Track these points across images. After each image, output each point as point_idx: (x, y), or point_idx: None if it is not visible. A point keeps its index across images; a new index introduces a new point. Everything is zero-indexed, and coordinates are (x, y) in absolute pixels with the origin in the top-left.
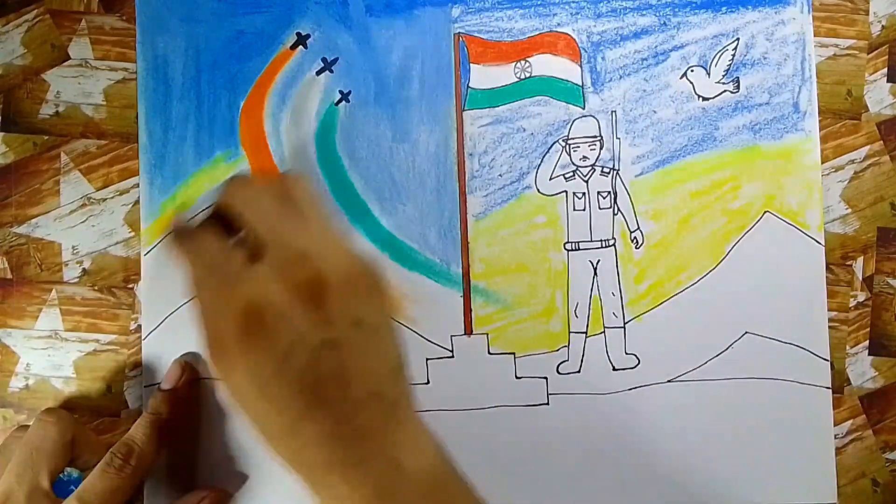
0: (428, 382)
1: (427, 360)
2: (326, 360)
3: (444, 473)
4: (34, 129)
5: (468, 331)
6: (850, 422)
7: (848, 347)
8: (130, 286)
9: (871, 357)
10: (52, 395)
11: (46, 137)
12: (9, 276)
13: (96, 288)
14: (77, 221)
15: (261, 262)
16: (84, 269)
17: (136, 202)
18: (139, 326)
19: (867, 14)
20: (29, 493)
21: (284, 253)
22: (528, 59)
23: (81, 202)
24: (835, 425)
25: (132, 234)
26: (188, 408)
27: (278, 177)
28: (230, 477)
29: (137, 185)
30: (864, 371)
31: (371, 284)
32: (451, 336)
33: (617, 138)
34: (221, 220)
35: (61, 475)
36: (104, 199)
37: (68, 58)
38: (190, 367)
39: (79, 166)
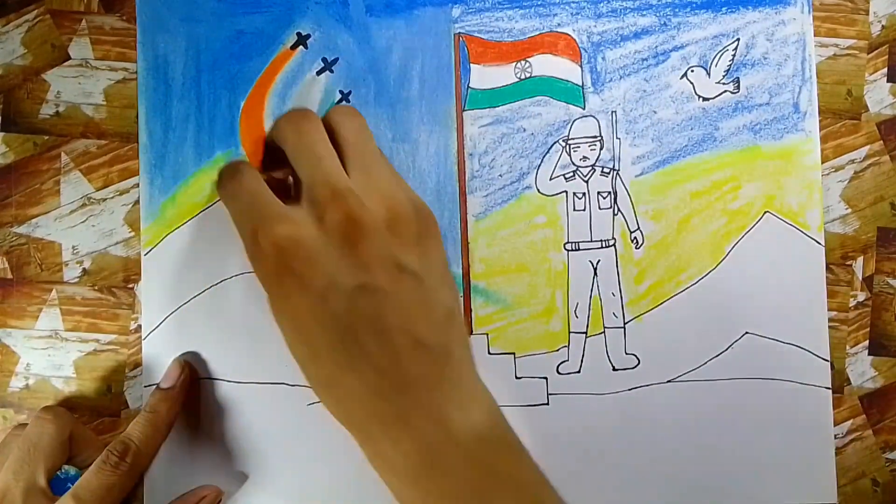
0: None
1: None
2: (363, 306)
3: (497, 435)
4: (34, 129)
5: (468, 331)
6: (850, 422)
7: (848, 347)
8: (130, 286)
9: (871, 357)
10: (53, 395)
11: (46, 137)
12: (9, 276)
13: (96, 288)
14: (77, 221)
15: (299, 200)
16: (84, 269)
17: (137, 202)
18: (139, 326)
19: (867, 14)
20: (25, 490)
21: (321, 191)
22: (528, 59)
23: (81, 202)
24: (835, 425)
25: (132, 234)
26: (190, 406)
27: (331, 111)
28: (231, 476)
29: (138, 185)
30: (864, 371)
31: (420, 231)
32: None
33: (617, 138)
34: (271, 156)
35: (59, 473)
36: (104, 199)
37: (68, 58)
38: (189, 366)
39: (79, 166)
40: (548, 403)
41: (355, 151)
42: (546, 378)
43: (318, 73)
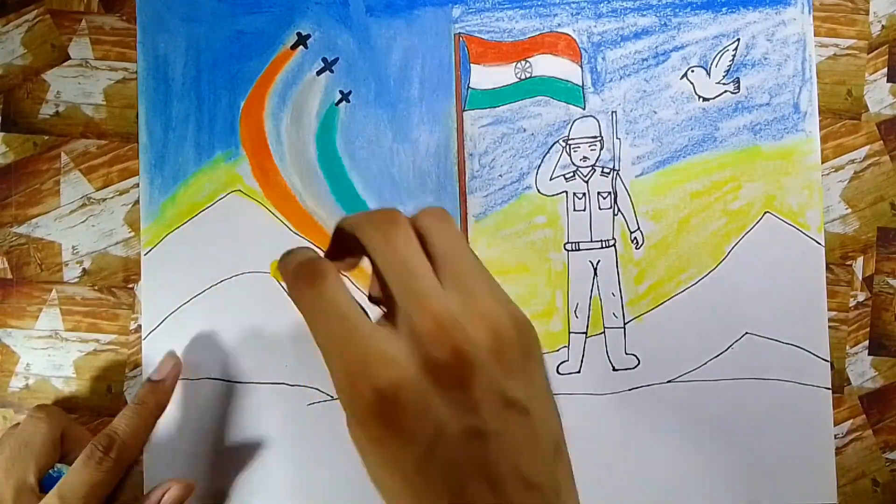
0: None
1: None
2: (471, 453)
3: None
4: (34, 129)
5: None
6: (850, 422)
7: (848, 347)
8: (130, 286)
9: (871, 357)
10: (53, 394)
11: (46, 137)
12: (9, 276)
13: (96, 288)
14: (77, 221)
15: (394, 329)
16: (84, 269)
17: (136, 202)
18: (139, 326)
19: (867, 14)
20: (16, 489)
21: (422, 321)
22: (528, 59)
23: (81, 202)
24: (835, 425)
25: (132, 234)
26: (190, 406)
27: (420, 214)
28: (230, 475)
29: (137, 185)
30: (863, 371)
31: (524, 353)
32: None
33: (617, 139)
34: (343, 251)
35: (51, 471)
36: (104, 199)
37: (68, 58)
38: (180, 361)
39: (79, 166)
40: None
41: (451, 266)
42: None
43: (319, 73)
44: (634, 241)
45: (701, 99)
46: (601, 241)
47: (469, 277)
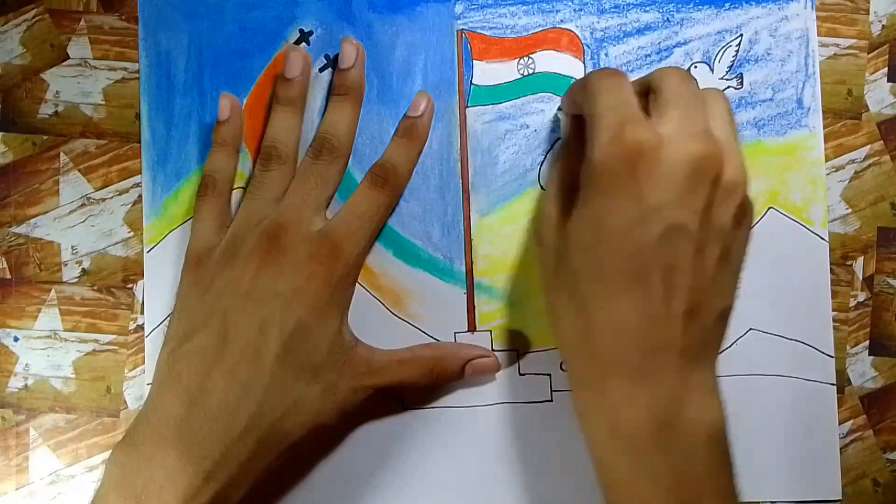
0: None
1: None
2: (669, 248)
3: (722, 444)
4: (33, 129)
5: (471, 328)
6: (851, 422)
7: (848, 347)
8: (130, 286)
9: (872, 357)
10: (52, 395)
11: (45, 137)
12: (8, 276)
13: (95, 288)
14: (76, 221)
15: (668, 123)
16: (83, 269)
17: (136, 202)
18: (138, 326)
19: (868, 14)
20: None
21: (689, 125)
22: (531, 55)
23: (81, 202)
24: (837, 427)
25: (132, 233)
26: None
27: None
28: None
29: (137, 185)
30: (864, 371)
31: (746, 213)
32: (455, 333)
33: None
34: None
35: None
36: (104, 199)
37: (67, 57)
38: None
39: (78, 166)
40: (552, 400)
41: (724, 116)
42: (550, 375)
43: (321, 69)
44: None
45: None
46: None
47: (736, 131)
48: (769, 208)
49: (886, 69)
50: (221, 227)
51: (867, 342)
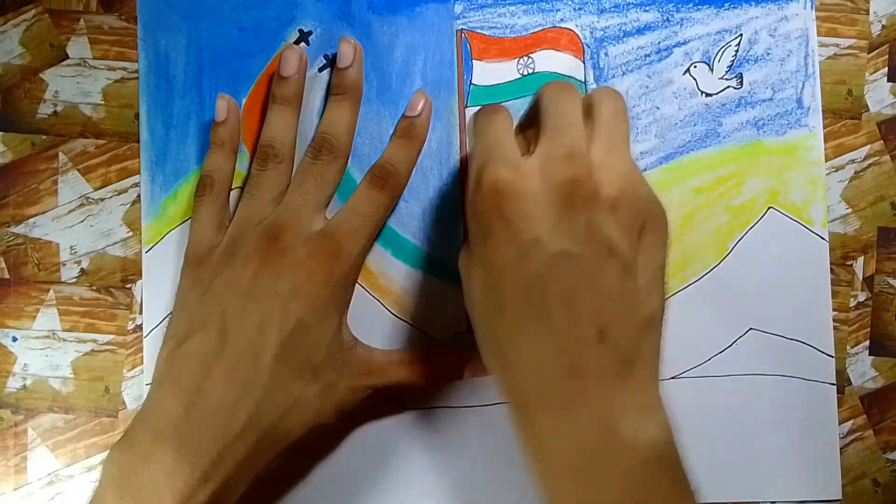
0: None
1: None
2: (561, 273)
3: (664, 462)
4: (32, 129)
5: (470, 328)
6: (851, 422)
7: (848, 347)
8: (128, 286)
9: (872, 357)
10: (50, 395)
11: (45, 137)
12: (6, 276)
13: (94, 288)
14: (75, 221)
15: (533, 153)
16: (82, 269)
17: (135, 202)
18: (137, 327)
19: (867, 14)
20: None
21: (557, 150)
22: (531, 55)
23: (79, 202)
24: (837, 427)
25: (130, 233)
26: None
27: (596, 89)
28: None
29: (136, 185)
30: (864, 371)
31: (646, 224)
32: (455, 333)
33: None
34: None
35: None
36: (102, 199)
37: (67, 57)
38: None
39: (77, 166)
40: None
41: (606, 129)
42: None
43: (321, 69)
44: None
45: (704, 94)
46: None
47: (619, 142)
48: (769, 208)
49: (886, 69)
50: (220, 228)
51: (867, 342)
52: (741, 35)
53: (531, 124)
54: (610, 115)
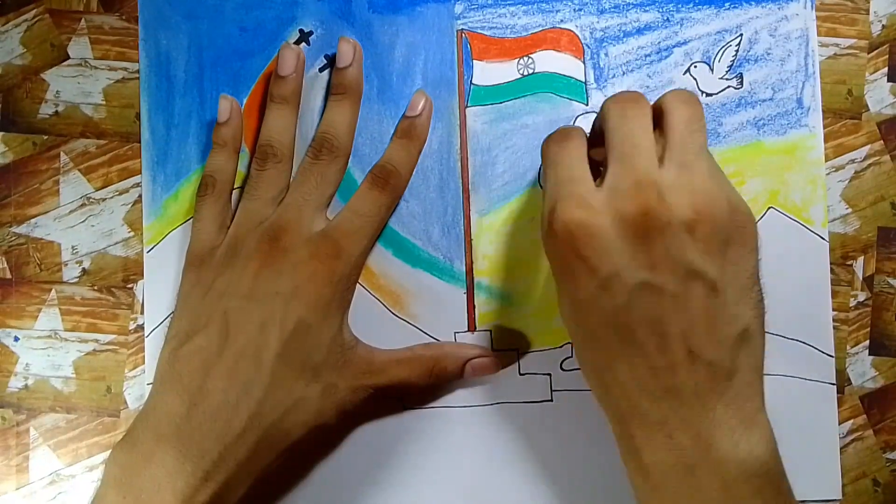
0: None
1: None
2: (644, 305)
3: (766, 478)
4: (33, 129)
5: (471, 328)
6: (851, 422)
7: (848, 347)
8: (130, 286)
9: (872, 357)
10: (52, 394)
11: (46, 137)
12: (8, 276)
13: (96, 288)
14: (76, 221)
15: (602, 183)
16: (83, 269)
17: (136, 202)
18: (138, 326)
19: (867, 13)
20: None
21: (625, 181)
22: (531, 55)
23: (81, 202)
24: (837, 427)
25: (132, 233)
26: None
27: (668, 94)
28: None
29: (137, 185)
30: (864, 371)
31: (729, 236)
32: (455, 333)
33: None
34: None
35: None
36: (104, 199)
37: (68, 57)
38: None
39: (78, 166)
40: (552, 400)
41: (678, 143)
42: (550, 375)
43: (321, 69)
44: None
45: (704, 94)
46: None
47: (692, 155)
48: (769, 208)
49: (886, 69)
50: (222, 228)
51: (867, 342)
52: (741, 35)
53: (600, 142)
54: (682, 125)
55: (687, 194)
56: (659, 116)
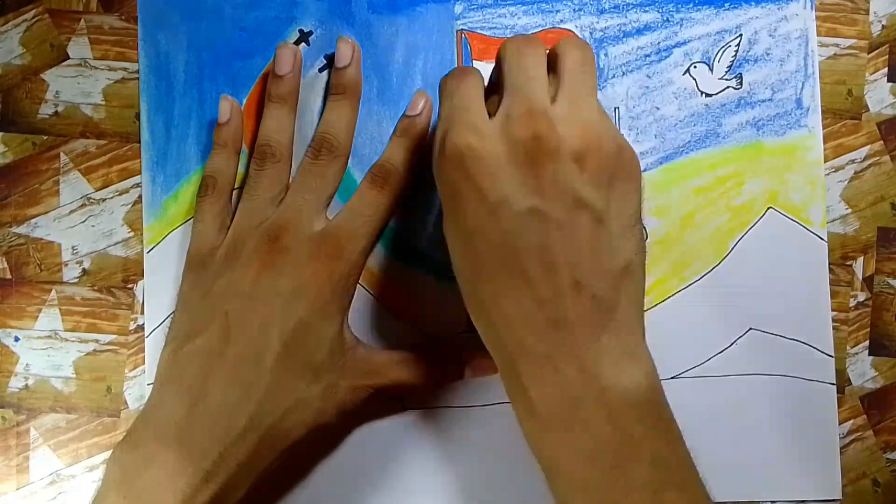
0: None
1: None
2: (532, 231)
3: (649, 406)
4: (33, 129)
5: (471, 328)
6: (851, 422)
7: (848, 347)
8: (130, 286)
9: (872, 357)
10: (52, 395)
11: (46, 137)
12: (8, 276)
13: (96, 288)
14: (77, 221)
15: (497, 113)
16: (84, 270)
17: (136, 202)
18: (138, 327)
19: (867, 14)
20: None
21: (518, 108)
22: None
23: (81, 202)
24: (837, 427)
25: (132, 234)
26: None
27: (562, 40)
28: None
29: (137, 185)
30: (864, 371)
31: (616, 171)
32: (455, 333)
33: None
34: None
35: None
36: (104, 200)
37: (67, 57)
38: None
39: (78, 166)
40: None
41: (570, 80)
42: None
43: (321, 70)
44: None
45: (703, 95)
46: None
47: (584, 94)
48: (768, 208)
49: (886, 69)
50: (222, 228)
51: (867, 342)
52: (741, 35)
53: (496, 91)
54: (575, 66)
55: (577, 127)
56: (553, 61)
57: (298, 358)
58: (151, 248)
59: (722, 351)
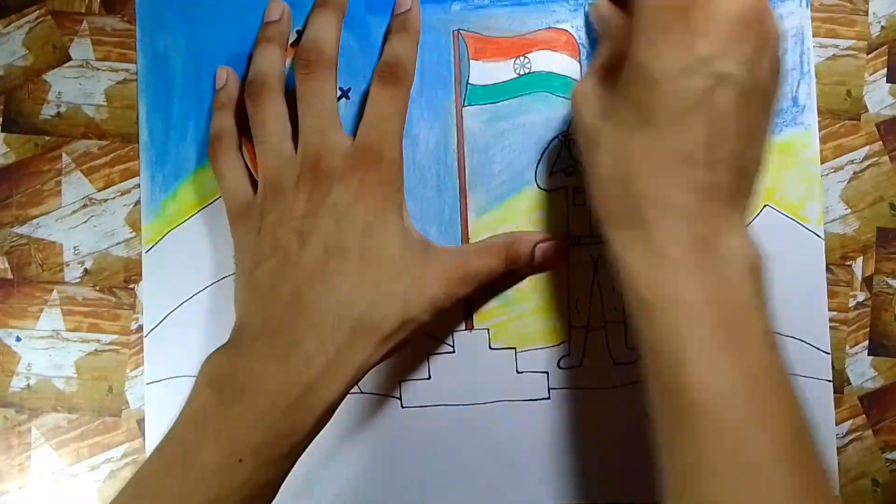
0: (429, 378)
1: (428, 355)
2: (721, 98)
3: (758, 276)
4: (35, 130)
5: (469, 326)
6: (850, 422)
7: (848, 347)
8: (132, 286)
9: (871, 357)
10: (54, 394)
11: (48, 138)
12: (10, 276)
13: (97, 288)
14: (78, 222)
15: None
16: (85, 270)
17: (138, 202)
18: (140, 327)
19: (867, 14)
20: None
21: None
22: (527, 55)
23: (83, 203)
24: (835, 425)
25: (133, 234)
26: None
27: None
28: None
29: (139, 186)
30: (863, 371)
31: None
32: (453, 331)
33: None
34: None
35: None
36: (105, 200)
37: (69, 59)
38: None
39: (80, 167)
40: (549, 398)
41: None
42: (547, 372)
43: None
44: None
45: None
46: (601, 235)
47: None
48: (765, 206)
49: (885, 70)
50: (246, 177)
51: (866, 342)
52: None
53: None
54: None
55: (772, 12)
56: None
57: (374, 253)
58: (150, 248)
59: None
